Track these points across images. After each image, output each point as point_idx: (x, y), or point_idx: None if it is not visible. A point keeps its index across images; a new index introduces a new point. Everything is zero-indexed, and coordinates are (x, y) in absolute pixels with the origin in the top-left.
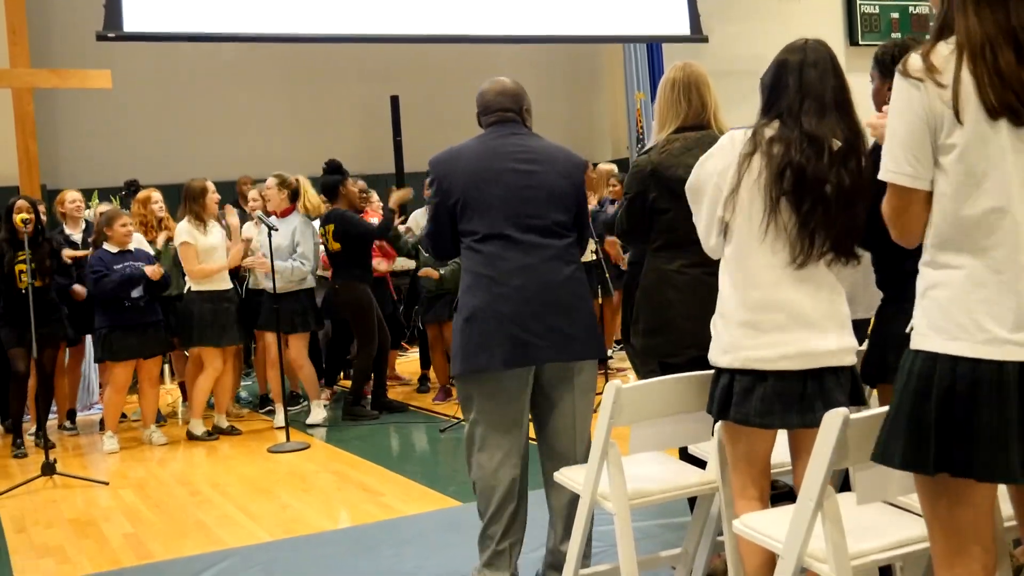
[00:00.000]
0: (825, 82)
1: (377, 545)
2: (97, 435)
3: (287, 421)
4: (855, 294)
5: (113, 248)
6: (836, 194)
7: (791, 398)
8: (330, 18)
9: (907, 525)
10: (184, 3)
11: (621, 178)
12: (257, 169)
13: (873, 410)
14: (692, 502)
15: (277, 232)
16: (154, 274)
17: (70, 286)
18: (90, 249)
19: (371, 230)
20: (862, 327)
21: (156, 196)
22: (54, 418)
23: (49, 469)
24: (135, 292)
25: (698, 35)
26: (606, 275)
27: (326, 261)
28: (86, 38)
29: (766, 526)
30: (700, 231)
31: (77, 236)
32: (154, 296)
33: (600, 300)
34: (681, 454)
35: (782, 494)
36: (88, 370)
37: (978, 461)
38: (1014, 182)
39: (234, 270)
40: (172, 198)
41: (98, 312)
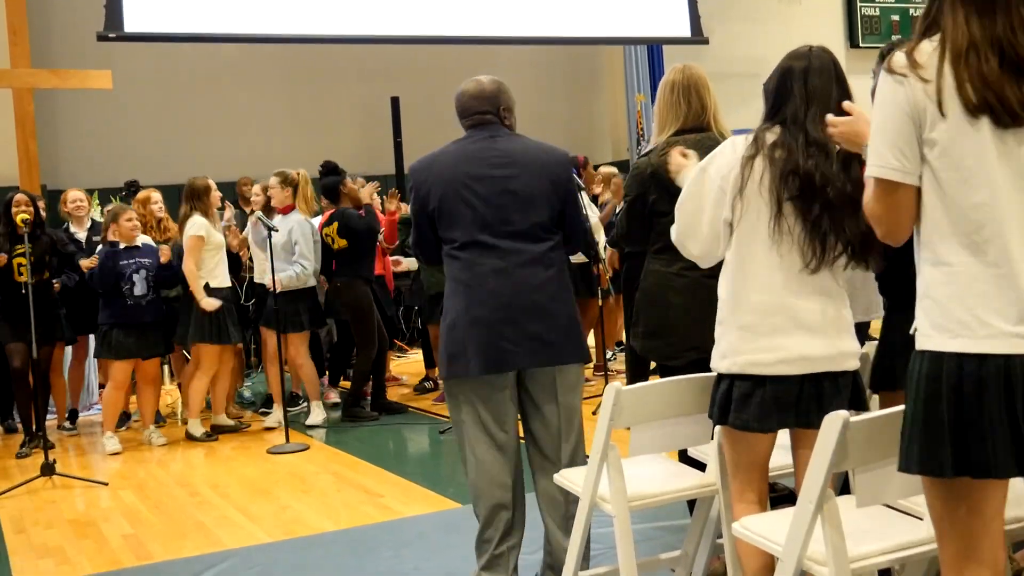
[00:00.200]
0: (830, 90)
1: (376, 546)
2: (97, 435)
3: (287, 421)
4: (852, 296)
5: (120, 244)
6: (840, 199)
7: (788, 403)
8: (330, 18)
9: (907, 528)
10: (184, 3)
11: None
12: (257, 169)
13: (873, 413)
14: (692, 504)
15: (276, 232)
16: (164, 255)
17: (76, 281)
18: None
19: (374, 226)
20: (862, 330)
21: (156, 196)
22: (53, 418)
23: (48, 469)
24: (138, 290)
25: (698, 37)
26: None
27: None
28: (86, 38)
29: (766, 529)
30: (701, 234)
31: (81, 235)
32: (159, 294)
33: (600, 301)
34: (680, 456)
35: (782, 497)
36: (89, 370)
37: (994, 459)
38: (999, 175)
39: (234, 270)
40: (172, 198)
41: (101, 308)
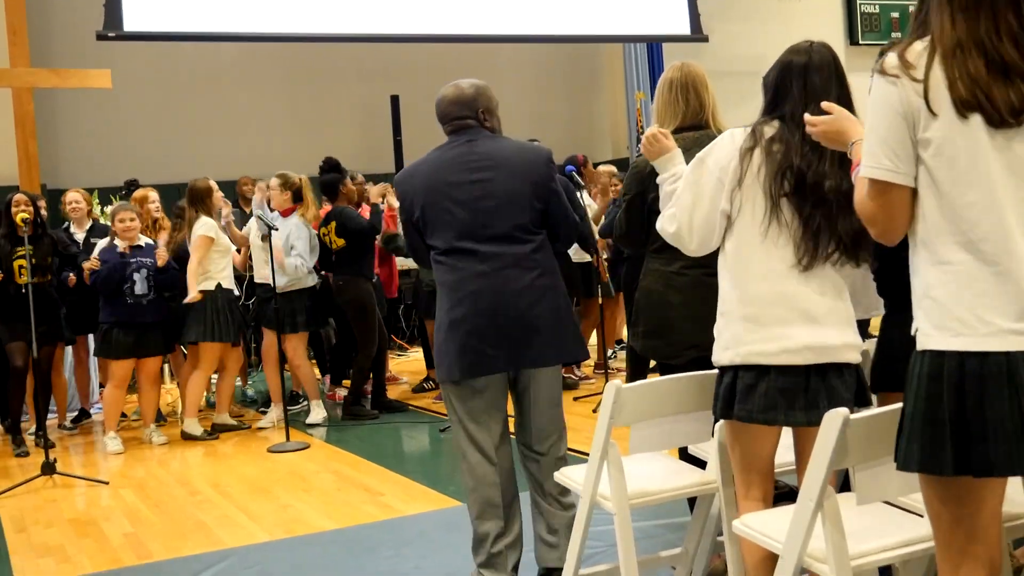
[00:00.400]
0: (829, 87)
1: (377, 545)
2: (97, 434)
3: (287, 420)
4: (854, 294)
5: (120, 243)
6: (836, 197)
7: (795, 393)
8: (330, 18)
9: (907, 526)
10: (184, 3)
11: (621, 178)
12: (257, 169)
13: (874, 410)
14: (692, 502)
15: (277, 231)
16: (161, 257)
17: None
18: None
19: (369, 225)
20: (861, 327)
21: (153, 196)
22: (54, 418)
23: (49, 469)
24: (139, 289)
25: (698, 35)
26: (606, 275)
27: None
28: (86, 38)
29: (766, 526)
30: (696, 226)
31: (80, 235)
32: (161, 294)
33: (600, 300)
34: (681, 454)
35: (783, 494)
36: (90, 370)
37: (995, 457)
38: (995, 172)
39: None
40: (172, 198)
41: (101, 307)
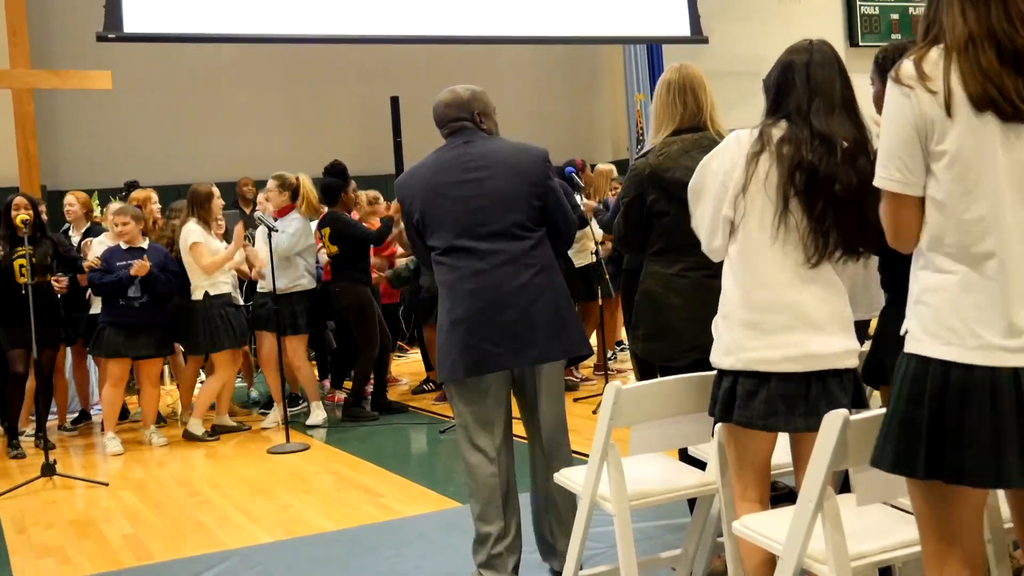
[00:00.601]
0: (833, 81)
1: (377, 546)
2: (97, 435)
3: (287, 421)
4: (855, 295)
5: (123, 244)
6: (846, 192)
7: (795, 400)
8: (330, 18)
9: (907, 526)
10: (184, 3)
11: (620, 180)
12: (257, 169)
13: (873, 411)
14: (692, 503)
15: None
16: (140, 269)
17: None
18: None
19: (367, 235)
20: (862, 328)
21: (153, 197)
22: (54, 419)
23: (49, 470)
24: (132, 291)
25: (698, 36)
26: (606, 276)
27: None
28: (86, 38)
29: (766, 527)
30: (702, 232)
31: (76, 238)
32: (155, 297)
33: (600, 301)
34: (681, 455)
35: (782, 495)
36: (89, 371)
37: (969, 467)
38: (1005, 188)
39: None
40: (173, 198)
41: (102, 307)
